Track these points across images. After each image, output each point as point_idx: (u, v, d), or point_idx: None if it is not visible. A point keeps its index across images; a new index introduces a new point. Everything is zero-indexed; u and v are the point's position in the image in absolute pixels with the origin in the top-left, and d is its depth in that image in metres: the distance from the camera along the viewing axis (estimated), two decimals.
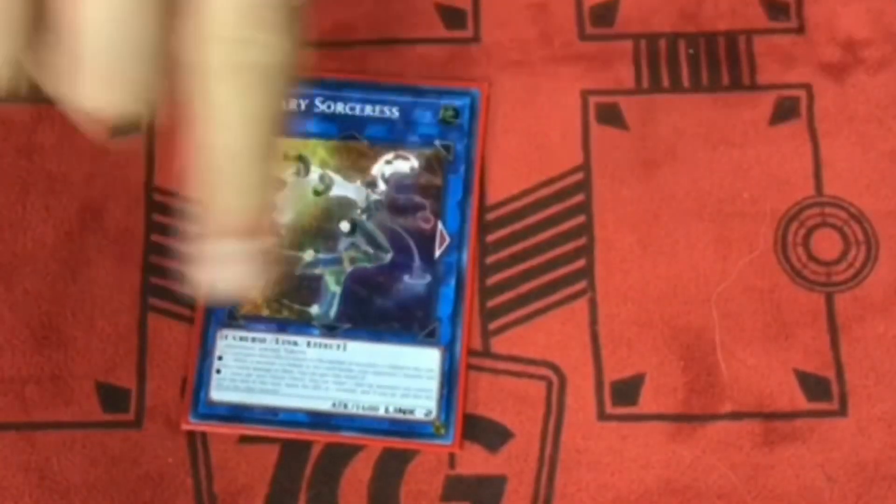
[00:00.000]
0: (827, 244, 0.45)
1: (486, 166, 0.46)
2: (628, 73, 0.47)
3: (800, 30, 0.47)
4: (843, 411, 0.43)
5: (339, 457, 0.43)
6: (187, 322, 0.44)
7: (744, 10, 0.48)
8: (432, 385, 0.42)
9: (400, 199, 0.45)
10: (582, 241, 0.45)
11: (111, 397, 0.43)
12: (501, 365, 0.43)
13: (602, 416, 0.43)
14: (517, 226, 0.45)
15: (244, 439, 0.43)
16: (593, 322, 0.44)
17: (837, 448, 0.42)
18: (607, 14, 0.48)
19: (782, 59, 0.47)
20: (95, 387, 0.43)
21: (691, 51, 0.47)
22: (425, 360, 0.43)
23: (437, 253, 0.44)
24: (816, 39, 0.47)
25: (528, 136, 0.46)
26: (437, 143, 0.45)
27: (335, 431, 0.42)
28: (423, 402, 0.42)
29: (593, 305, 0.44)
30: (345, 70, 0.47)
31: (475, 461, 0.42)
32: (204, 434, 0.43)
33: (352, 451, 0.43)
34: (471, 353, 0.44)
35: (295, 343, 0.43)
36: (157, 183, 0.46)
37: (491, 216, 0.45)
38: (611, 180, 0.46)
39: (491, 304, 0.44)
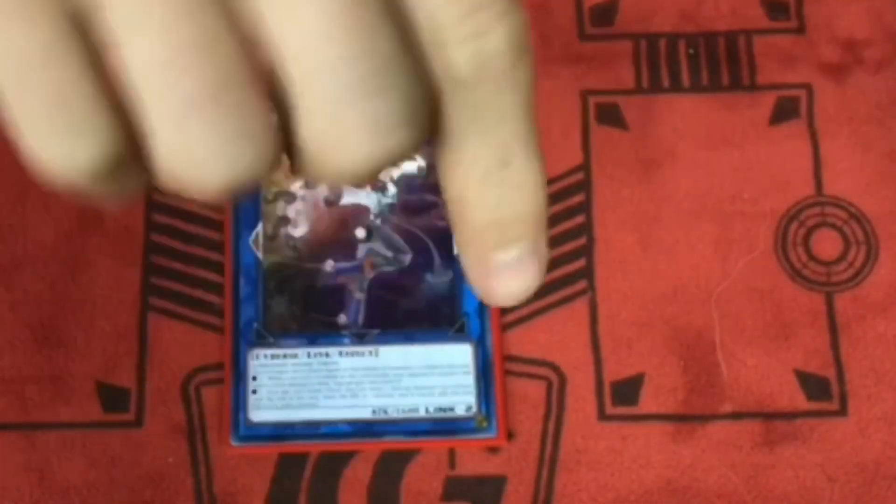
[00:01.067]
0: (827, 244, 0.45)
1: None
2: (628, 73, 0.47)
3: (800, 30, 0.47)
4: (843, 411, 0.43)
5: (339, 457, 0.43)
6: (188, 322, 0.44)
7: (744, 10, 0.48)
8: (469, 380, 0.42)
9: (412, 200, 0.45)
10: (582, 241, 0.45)
11: (111, 397, 0.43)
12: (502, 366, 0.43)
13: (602, 416, 0.43)
14: None
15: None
16: (593, 322, 0.44)
17: (837, 448, 0.42)
18: (607, 14, 0.48)
19: (782, 59, 0.47)
20: (95, 387, 0.43)
21: (691, 51, 0.47)
22: (458, 356, 0.43)
23: (456, 248, 0.44)
24: (816, 39, 0.47)
25: None
26: None
27: (379, 438, 0.42)
28: (462, 398, 0.42)
29: (593, 305, 0.44)
30: None
31: (475, 461, 0.42)
32: (204, 434, 0.43)
33: (352, 451, 0.43)
34: None
35: (327, 354, 0.43)
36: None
37: None
38: (611, 180, 0.46)
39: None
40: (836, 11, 0.47)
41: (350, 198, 0.45)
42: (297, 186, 0.45)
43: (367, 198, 0.45)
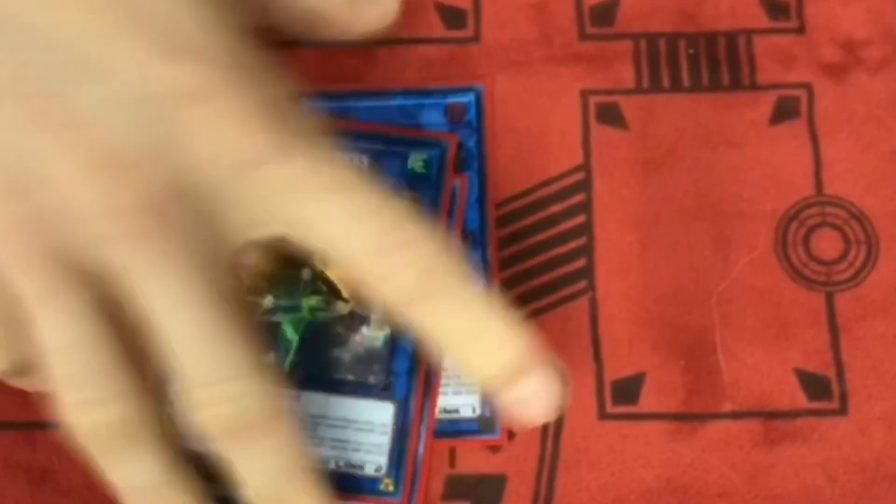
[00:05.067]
0: (827, 244, 0.45)
1: (486, 168, 0.46)
2: (628, 73, 0.47)
3: (800, 30, 0.47)
4: (843, 411, 0.43)
5: None
6: None
7: (744, 10, 0.48)
8: (384, 440, 0.41)
9: None
10: (582, 241, 0.45)
11: None
12: None
13: (602, 415, 0.43)
14: (517, 226, 0.45)
15: None
16: (593, 322, 0.44)
17: (838, 447, 0.42)
18: (607, 14, 0.48)
19: (782, 59, 0.47)
20: None
21: (691, 51, 0.47)
22: (379, 414, 0.42)
23: None
24: (816, 39, 0.47)
25: (528, 136, 0.46)
26: (404, 193, 0.44)
27: (368, 494, 0.41)
28: (374, 457, 0.41)
29: (593, 305, 0.44)
30: (345, 79, 0.47)
31: (475, 461, 0.42)
32: None
33: None
34: None
35: (320, 399, 0.42)
36: None
37: (490, 216, 0.45)
38: (611, 180, 0.46)
39: None
40: (836, 11, 0.47)
41: None
42: None
43: None
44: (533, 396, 0.35)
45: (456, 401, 0.42)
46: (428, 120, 0.45)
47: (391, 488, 0.41)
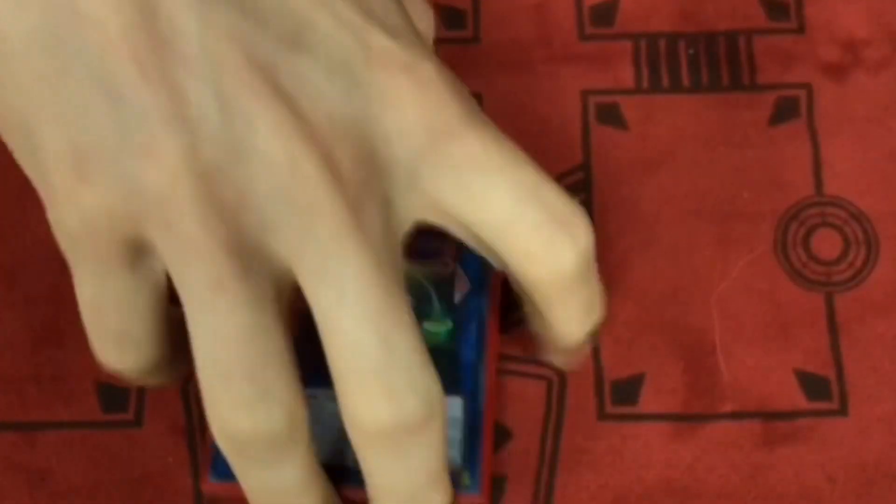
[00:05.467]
0: (827, 244, 0.45)
1: None
2: (628, 73, 0.47)
3: (800, 30, 0.47)
4: (843, 411, 0.43)
5: None
6: None
7: (744, 10, 0.48)
8: (456, 434, 0.40)
9: (417, 245, 0.43)
10: None
11: (111, 397, 0.43)
12: (501, 365, 0.43)
13: (602, 415, 0.43)
14: None
15: None
16: None
17: (838, 448, 0.42)
18: (607, 14, 0.48)
19: (782, 59, 0.47)
20: (95, 387, 0.43)
21: (691, 51, 0.47)
22: (448, 409, 0.40)
23: (458, 297, 0.42)
24: (816, 39, 0.47)
25: (528, 136, 0.46)
26: None
27: (353, 486, 0.39)
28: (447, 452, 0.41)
29: None
30: None
31: None
32: (204, 434, 0.43)
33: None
34: None
35: (315, 396, 0.41)
36: None
37: None
38: (611, 180, 0.46)
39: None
40: (836, 11, 0.47)
41: None
42: None
43: None
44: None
45: None
46: None
47: (467, 482, 0.40)
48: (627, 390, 0.43)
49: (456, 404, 0.41)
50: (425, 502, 0.33)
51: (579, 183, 0.46)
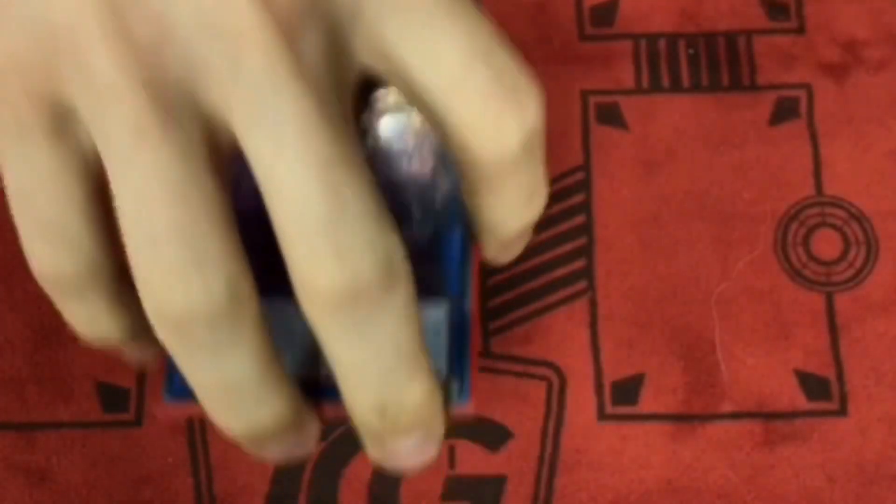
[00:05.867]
0: (827, 244, 0.45)
1: None
2: (628, 73, 0.47)
3: (800, 30, 0.47)
4: (843, 411, 0.43)
5: (339, 456, 0.43)
6: None
7: (744, 10, 0.48)
8: (440, 342, 0.36)
9: (393, 148, 0.39)
10: (582, 241, 0.45)
11: (111, 397, 0.43)
12: (501, 365, 0.43)
13: (602, 416, 0.43)
14: None
15: None
16: (593, 322, 0.44)
17: (837, 448, 0.42)
18: (607, 14, 0.48)
19: (782, 59, 0.47)
20: (95, 387, 0.43)
21: (691, 51, 0.47)
22: (431, 314, 0.37)
23: (439, 199, 0.39)
24: (816, 39, 0.47)
25: None
26: None
27: (328, 400, 0.35)
28: (432, 360, 0.36)
29: (593, 305, 0.44)
30: None
31: (475, 461, 0.42)
32: (204, 433, 0.43)
33: (353, 449, 0.43)
34: None
35: (286, 305, 0.37)
36: None
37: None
38: (611, 180, 0.46)
39: (491, 304, 0.44)
40: (836, 11, 0.47)
41: None
42: None
43: None
44: None
45: None
46: None
47: (455, 393, 0.36)
48: (627, 390, 0.43)
49: (441, 308, 0.37)
50: (400, 392, 0.29)
51: (579, 183, 0.46)
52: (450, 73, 0.28)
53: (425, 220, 0.39)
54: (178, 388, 0.36)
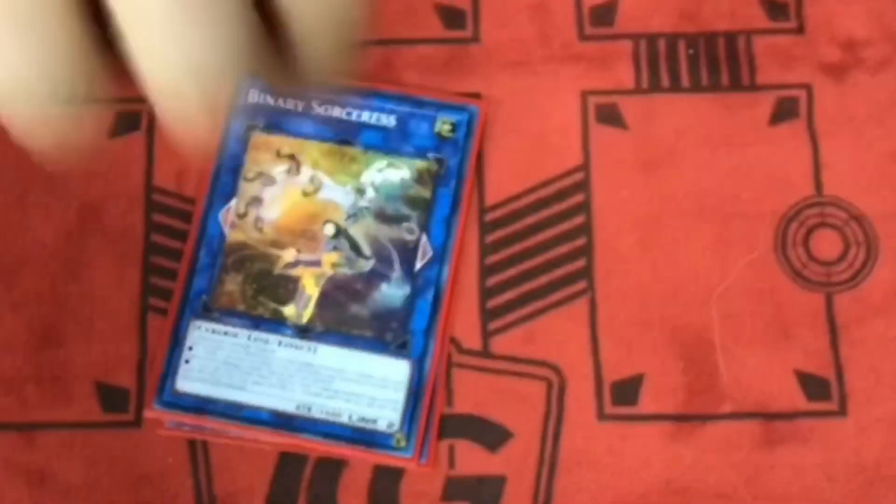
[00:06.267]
0: (827, 244, 0.45)
1: (486, 167, 0.46)
2: (628, 73, 0.47)
3: (800, 30, 0.47)
4: (843, 411, 0.43)
5: (339, 457, 0.43)
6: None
7: (744, 10, 0.48)
8: (399, 397, 0.42)
9: (387, 209, 0.44)
10: (582, 241, 0.45)
11: (111, 397, 0.43)
12: (501, 365, 0.43)
13: (602, 416, 0.43)
14: (517, 226, 0.45)
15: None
16: (593, 322, 0.44)
17: (837, 448, 0.42)
18: (607, 14, 0.48)
19: (782, 59, 0.47)
20: (95, 387, 0.43)
21: (691, 51, 0.47)
22: (394, 372, 0.43)
23: (419, 265, 0.44)
24: (816, 39, 0.47)
25: (528, 136, 0.46)
26: (430, 155, 0.45)
27: (296, 433, 0.42)
28: (387, 412, 0.42)
29: (593, 305, 0.44)
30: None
31: (475, 461, 0.42)
32: (205, 441, 0.43)
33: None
34: (470, 352, 0.44)
35: (266, 341, 0.43)
36: (157, 183, 0.46)
37: (491, 216, 0.45)
38: (611, 180, 0.46)
39: (491, 304, 0.44)
40: (836, 11, 0.47)
41: (328, 193, 0.45)
42: (277, 171, 0.45)
43: (344, 196, 0.45)
44: None
45: (376, 413, 0.42)
46: (415, 130, 0.45)
47: (403, 444, 0.42)
48: (627, 390, 0.43)
49: (403, 368, 0.42)
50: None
51: (579, 183, 0.46)
52: None
53: (403, 282, 0.42)
54: (168, 399, 0.41)
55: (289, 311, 0.43)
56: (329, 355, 0.43)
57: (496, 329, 0.44)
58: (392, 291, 0.43)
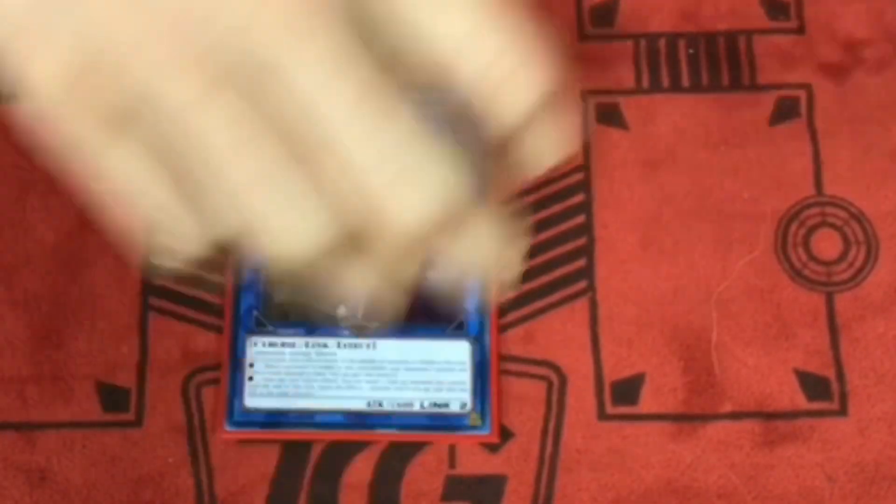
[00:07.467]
0: (827, 244, 0.45)
1: None
2: (628, 73, 0.47)
3: (800, 30, 0.47)
4: (843, 411, 0.43)
5: (339, 457, 0.43)
6: (188, 322, 0.44)
7: (744, 10, 0.48)
8: (465, 377, 0.43)
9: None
10: (582, 241, 0.45)
11: (111, 397, 0.43)
12: (502, 365, 0.43)
13: (602, 416, 0.43)
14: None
15: (248, 441, 0.43)
16: (593, 322, 0.44)
17: (837, 448, 0.42)
18: (607, 14, 0.48)
19: (782, 59, 0.47)
20: (95, 387, 0.43)
21: (691, 51, 0.47)
22: (456, 353, 0.43)
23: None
24: (816, 39, 0.47)
25: None
26: None
27: (373, 430, 0.42)
28: (457, 394, 0.42)
29: (593, 305, 0.44)
30: None
31: (475, 461, 0.42)
32: (204, 434, 0.43)
33: (353, 450, 0.43)
34: None
35: (325, 345, 0.43)
36: None
37: None
38: (611, 180, 0.46)
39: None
40: (836, 11, 0.47)
41: None
42: None
43: None
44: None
45: (446, 396, 0.42)
46: None
47: (479, 422, 0.42)
48: (627, 390, 0.43)
49: (463, 348, 0.43)
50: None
51: (579, 183, 0.46)
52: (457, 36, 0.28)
53: (447, 267, 0.42)
54: (239, 418, 0.43)
55: (341, 311, 0.43)
56: (389, 348, 0.43)
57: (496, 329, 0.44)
58: (439, 276, 0.43)
